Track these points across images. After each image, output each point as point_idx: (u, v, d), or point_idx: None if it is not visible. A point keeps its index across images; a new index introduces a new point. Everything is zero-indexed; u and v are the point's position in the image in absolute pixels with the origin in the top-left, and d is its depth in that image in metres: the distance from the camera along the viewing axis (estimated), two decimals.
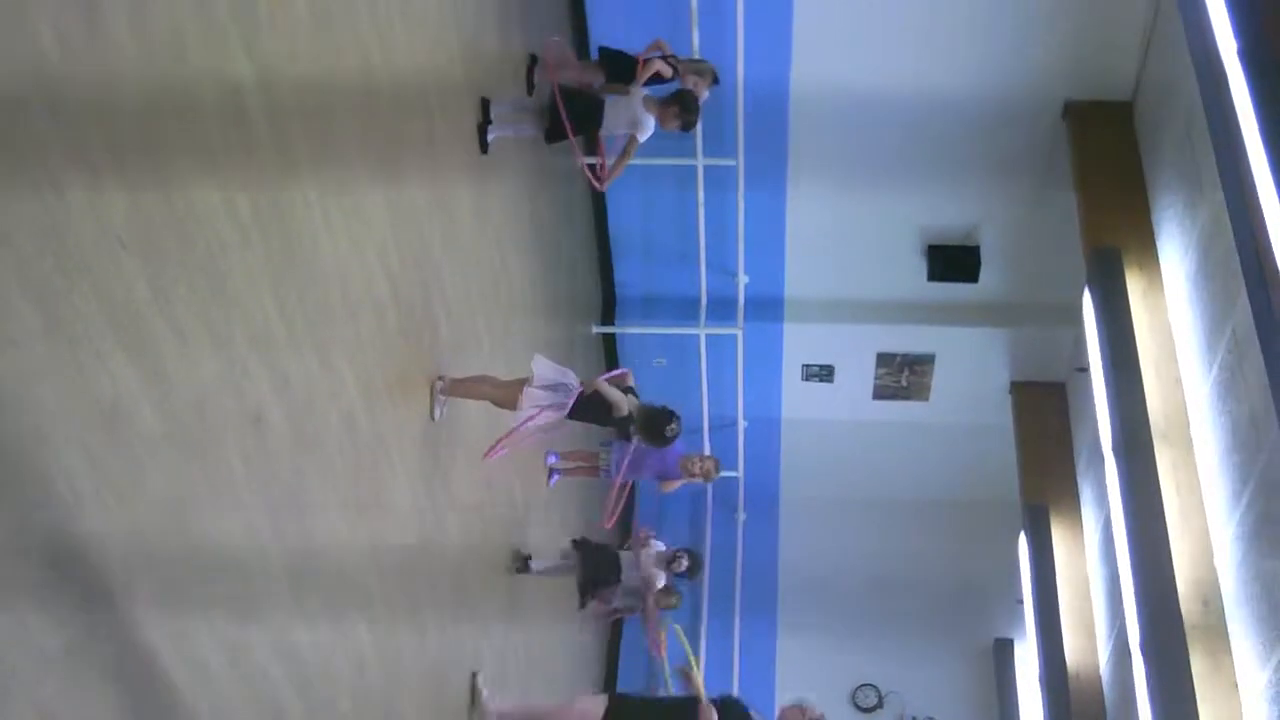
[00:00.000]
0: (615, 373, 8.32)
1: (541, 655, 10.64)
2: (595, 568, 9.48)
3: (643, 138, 8.39)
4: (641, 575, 9.89)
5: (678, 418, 7.85)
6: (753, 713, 7.46)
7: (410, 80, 6.71)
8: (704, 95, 8.82)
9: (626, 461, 9.60)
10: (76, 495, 3.67)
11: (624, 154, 8.47)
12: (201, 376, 4.39)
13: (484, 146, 8.06)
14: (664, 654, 11.52)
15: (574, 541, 9.68)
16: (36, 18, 3.39)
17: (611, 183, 8.69)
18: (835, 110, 11.61)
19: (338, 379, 5.72)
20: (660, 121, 8.42)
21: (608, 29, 10.66)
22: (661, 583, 10.06)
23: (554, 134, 8.47)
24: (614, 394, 7.65)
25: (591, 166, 8.68)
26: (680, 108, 8.38)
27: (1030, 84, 11.09)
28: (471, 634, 8.26)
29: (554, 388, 7.55)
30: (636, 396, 7.92)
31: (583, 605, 9.82)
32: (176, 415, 4.20)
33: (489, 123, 8.07)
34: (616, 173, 8.56)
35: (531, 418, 7.40)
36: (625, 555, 9.82)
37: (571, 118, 8.40)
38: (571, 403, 7.50)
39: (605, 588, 9.91)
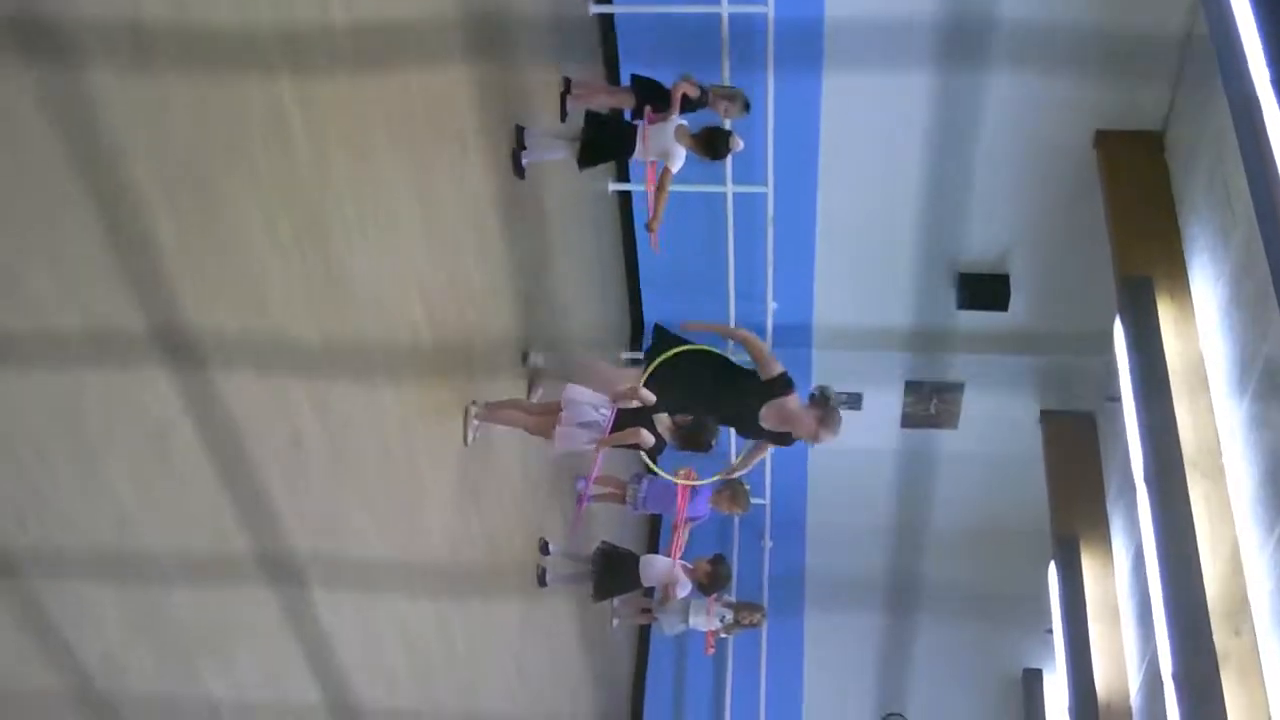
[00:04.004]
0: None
1: (567, 669, 10.66)
2: (612, 577, 9.37)
3: (675, 168, 8.44)
4: (660, 581, 9.67)
5: (715, 428, 7.86)
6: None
7: (446, 105, 6.78)
8: (734, 137, 8.80)
9: (653, 497, 9.68)
10: (122, 513, 3.72)
11: (660, 188, 8.53)
12: (243, 397, 4.44)
13: (519, 171, 8.13)
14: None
15: (599, 547, 9.58)
16: (83, 28, 3.44)
17: (660, 221, 8.72)
18: (866, 137, 11.66)
19: (374, 401, 5.77)
20: (690, 148, 8.49)
21: (638, 58, 10.72)
22: (684, 592, 9.85)
23: (586, 159, 8.55)
24: (645, 436, 7.61)
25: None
26: (709, 140, 8.46)
27: (1061, 113, 11.11)
28: (500, 649, 8.29)
29: (588, 424, 7.57)
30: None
31: (596, 600, 9.74)
32: (218, 436, 4.25)
33: (523, 148, 8.15)
34: (660, 209, 8.60)
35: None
36: (645, 559, 9.56)
37: (601, 144, 8.47)
38: (609, 431, 7.53)
39: (622, 593, 9.87)
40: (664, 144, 8.43)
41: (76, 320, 3.44)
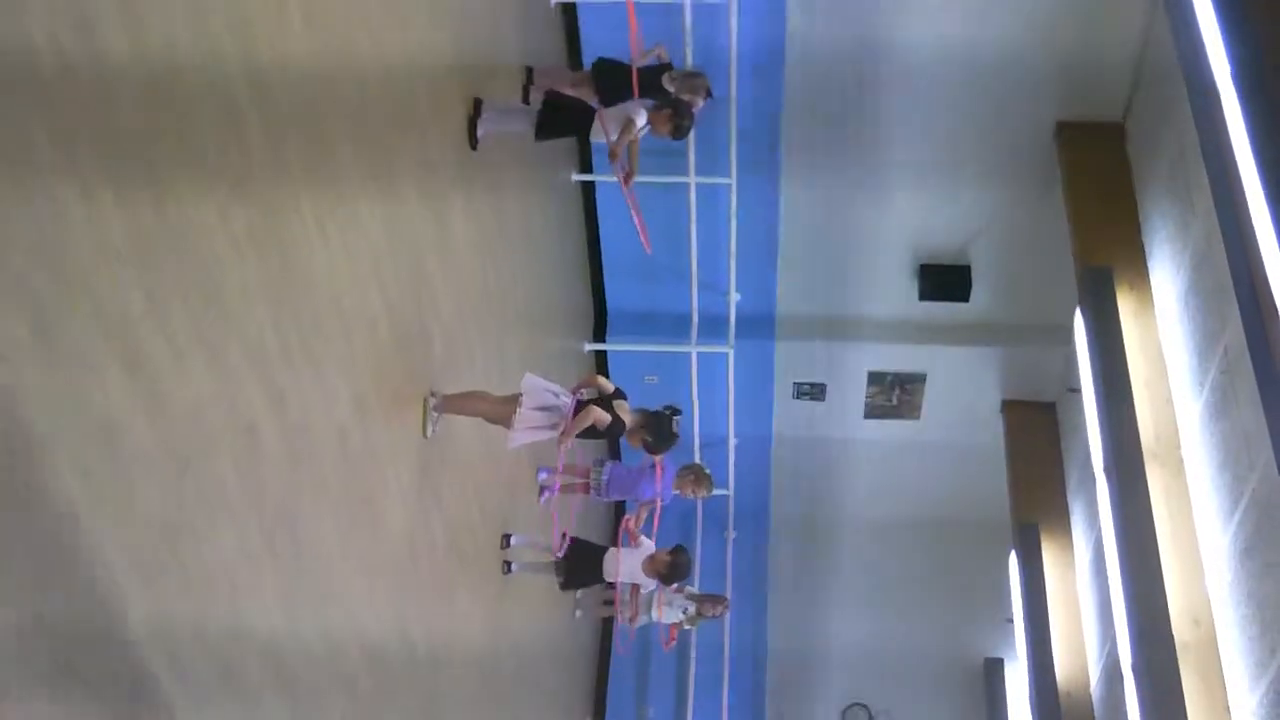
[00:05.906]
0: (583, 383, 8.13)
1: (531, 661, 10.63)
2: (575, 568, 9.36)
3: (639, 123, 8.30)
4: (626, 579, 9.67)
5: (678, 412, 7.87)
6: None
7: (404, 93, 6.71)
8: (698, 105, 8.77)
9: (615, 482, 9.62)
10: (71, 509, 3.65)
11: (630, 147, 8.40)
12: (195, 390, 4.37)
13: (474, 142, 7.96)
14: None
15: (563, 535, 9.53)
16: (30, 25, 3.38)
17: (635, 178, 8.63)
18: (828, 128, 11.65)
19: (331, 394, 5.70)
20: (652, 125, 8.36)
21: (601, 41, 10.66)
22: (648, 588, 9.86)
23: (543, 131, 8.45)
24: (600, 413, 7.60)
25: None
26: (673, 113, 8.35)
27: (1022, 104, 11.14)
28: (461, 640, 8.24)
29: (548, 409, 7.54)
30: (625, 397, 7.85)
31: (563, 588, 9.72)
32: (170, 429, 4.18)
33: (479, 115, 8.00)
34: (634, 165, 8.48)
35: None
36: (610, 553, 9.54)
37: (561, 122, 8.39)
38: (569, 419, 7.50)
39: (586, 585, 9.94)
40: (624, 113, 8.32)
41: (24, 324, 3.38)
